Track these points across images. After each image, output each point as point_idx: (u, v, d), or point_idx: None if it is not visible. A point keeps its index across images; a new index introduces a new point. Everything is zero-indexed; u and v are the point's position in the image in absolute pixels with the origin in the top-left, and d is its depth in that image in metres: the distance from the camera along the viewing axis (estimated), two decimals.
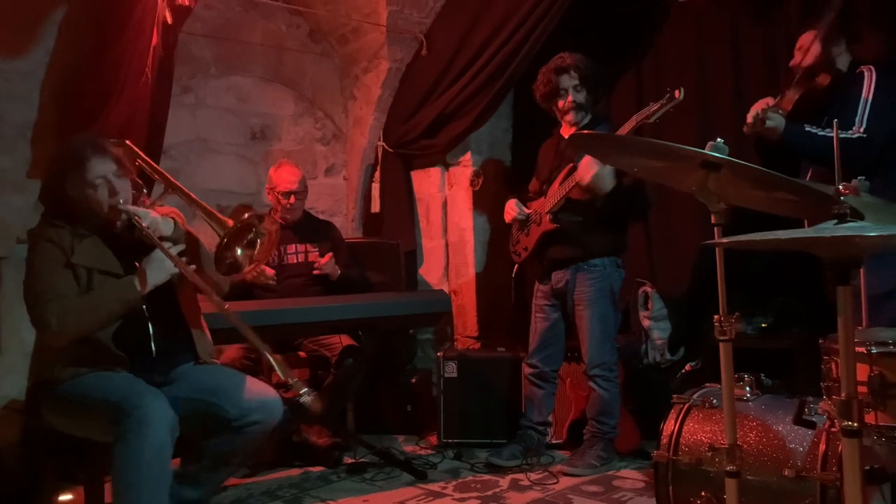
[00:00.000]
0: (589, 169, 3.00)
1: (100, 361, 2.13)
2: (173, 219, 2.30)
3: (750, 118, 2.70)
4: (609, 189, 3.02)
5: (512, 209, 3.40)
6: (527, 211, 3.36)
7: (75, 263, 2.15)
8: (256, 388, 2.24)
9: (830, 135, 2.47)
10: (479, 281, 4.28)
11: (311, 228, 3.67)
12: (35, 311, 2.11)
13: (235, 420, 2.15)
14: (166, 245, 2.18)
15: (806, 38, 2.77)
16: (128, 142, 2.55)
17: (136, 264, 2.20)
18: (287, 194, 3.53)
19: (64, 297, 2.10)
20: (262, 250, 2.31)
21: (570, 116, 3.25)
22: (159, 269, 2.17)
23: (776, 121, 2.66)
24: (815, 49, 2.72)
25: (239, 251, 2.28)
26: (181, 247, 2.23)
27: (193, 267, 2.25)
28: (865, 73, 2.65)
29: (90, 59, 3.10)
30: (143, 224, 2.16)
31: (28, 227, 2.27)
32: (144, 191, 2.46)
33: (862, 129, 2.55)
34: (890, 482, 1.68)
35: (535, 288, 3.41)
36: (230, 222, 2.27)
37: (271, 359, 1.97)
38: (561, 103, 3.25)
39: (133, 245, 2.23)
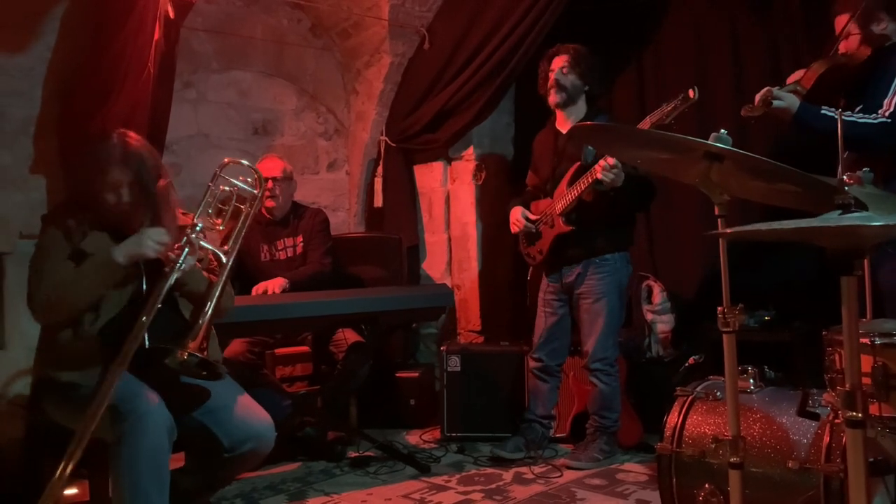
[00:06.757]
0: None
1: (93, 361, 2.10)
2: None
3: (758, 99, 2.47)
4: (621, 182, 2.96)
5: (519, 221, 3.34)
6: (533, 219, 3.32)
7: (80, 249, 2.13)
8: (252, 414, 2.20)
9: (848, 119, 2.34)
10: (481, 275, 4.28)
11: (299, 220, 3.61)
12: (29, 287, 2.12)
13: (227, 451, 2.14)
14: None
15: (841, 21, 2.53)
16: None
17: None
18: (266, 179, 3.50)
19: (56, 273, 2.09)
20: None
21: (551, 96, 3.21)
22: (137, 242, 2.13)
23: (787, 100, 2.44)
24: (855, 31, 2.50)
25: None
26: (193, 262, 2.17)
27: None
28: None
29: (91, 54, 3.09)
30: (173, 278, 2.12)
31: (29, 224, 2.26)
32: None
33: (888, 113, 2.33)
34: (894, 474, 1.67)
35: (543, 284, 3.39)
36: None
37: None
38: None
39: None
